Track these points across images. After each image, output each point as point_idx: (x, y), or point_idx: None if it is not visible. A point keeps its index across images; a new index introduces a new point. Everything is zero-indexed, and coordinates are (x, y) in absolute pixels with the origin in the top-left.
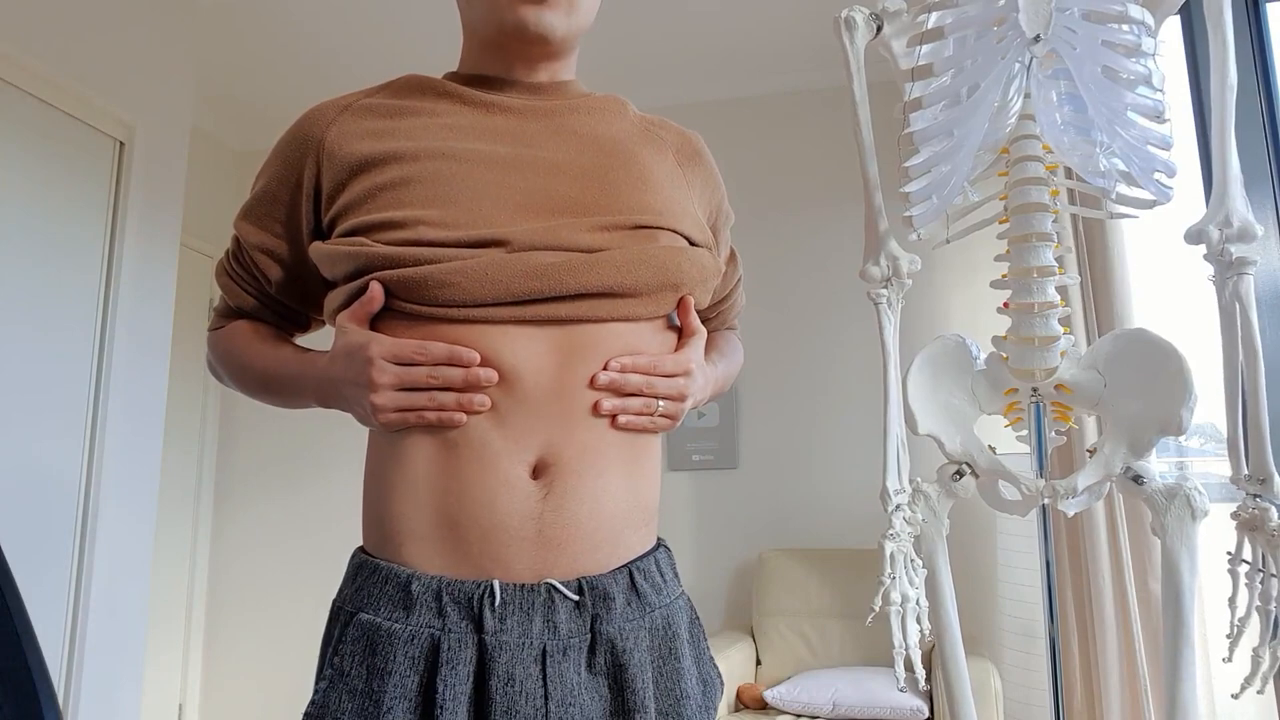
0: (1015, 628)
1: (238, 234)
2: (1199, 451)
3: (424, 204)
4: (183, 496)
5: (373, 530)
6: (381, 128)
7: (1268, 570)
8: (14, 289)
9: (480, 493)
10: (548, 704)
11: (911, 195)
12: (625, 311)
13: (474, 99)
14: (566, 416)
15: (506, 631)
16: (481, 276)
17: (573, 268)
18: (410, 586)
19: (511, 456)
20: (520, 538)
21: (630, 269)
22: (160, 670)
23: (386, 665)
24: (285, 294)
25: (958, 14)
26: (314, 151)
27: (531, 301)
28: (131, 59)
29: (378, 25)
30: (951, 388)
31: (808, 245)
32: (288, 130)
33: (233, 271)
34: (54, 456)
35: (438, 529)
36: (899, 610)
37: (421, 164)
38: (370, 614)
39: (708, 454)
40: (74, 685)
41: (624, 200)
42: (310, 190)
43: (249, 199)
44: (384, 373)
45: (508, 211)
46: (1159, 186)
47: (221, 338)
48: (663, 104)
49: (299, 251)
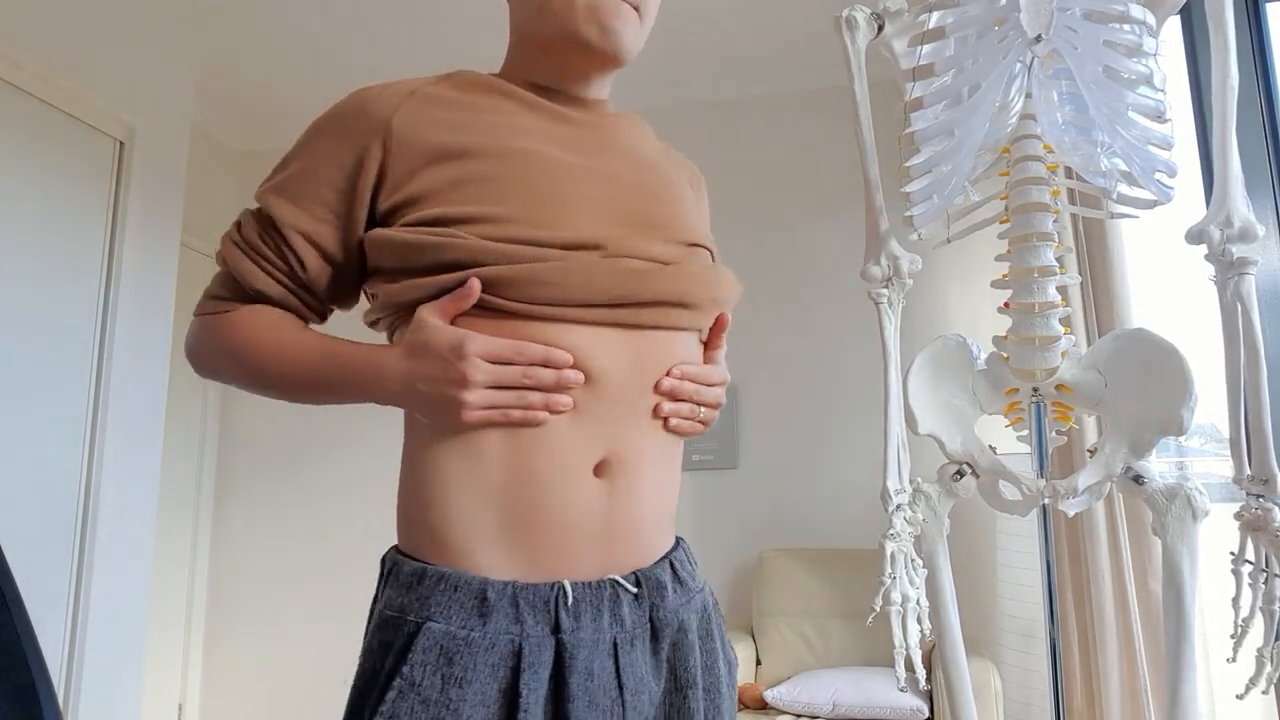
0: (1015, 628)
1: (273, 213)
2: (1199, 451)
3: (516, 202)
4: (183, 497)
5: (424, 535)
6: (454, 119)
7: (1271, 570)
8: (14, 289)
9: (557, 492)
10: (622, 693)
11: (912, 195)
12: (686, 322)
13: (537, 104)
14: (632, 417)
15: (582, 629)
16: (581, 277)
17: (656, 276)
18: (486, 595)
19: (583, 456)
20: (588, 536)
21: (695, 283)
22: (160, 670)
23: (465, 674)
24: (317, 281)
25: (959, 14)
26: (379, 134)
27: (619, 305)
28: (131, 59)
29: (378, 26)
30: (952, 387)
31: (808, 245)
32: (336, 111)
33: (256, 252)
34: (54, 456)
35: (508, 531)
36: (899, 610)
37: (506, 162)
38: (442, 623)
39: (708, 454)
40: (74, 685)
41: (676, 218)
42: (373, 174)
43: (283, 177)
44: (479, 370)
45: (594, 217)
46: (1160, 186)
47: (232, 323)
48: (663, 104)
49: (345, 238)
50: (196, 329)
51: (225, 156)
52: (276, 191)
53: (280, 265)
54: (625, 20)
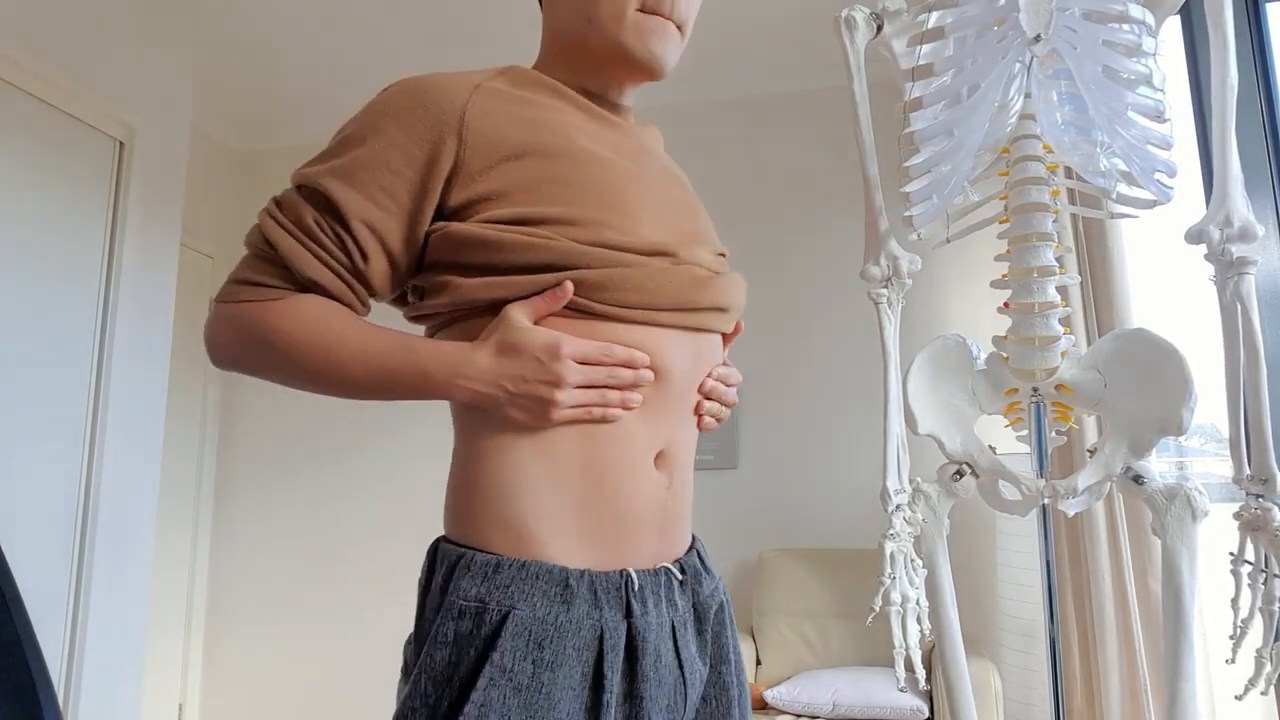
0: (1015, 628)
1: (336, 199)
2: (1199, 451)
3: (595, 206)
4: (183, 497)
5: (495, 527)
6: (521, 115)
7: (1270, 570)
8: (14, 289)
9: (626, 484)
10: (682, 671)
11: (912, 195)
12: (723, 325)
13: (587, 107)
14: (684, 414)
15: (649, 614)
16: (661, 283)
17: (713, 284)
18: (569, 582)
19: (647, 449)
20: (651, 526)
21: (735, 291)
22: (160, 670)
23: (555, 658)
24: (374, 274)
25: (958, 14)
26: (454, 127)
27: (687, 310)
28: (131, 59)
29: (377, 26)
30: (952, 387)
31: (808, 245)
32: (400, 99)
33: (310, 238)
34: (54, 457)
35: (581, 522)
36: (899, 610)
37: (579, 163)
38: (528, 609)
39: (708, 454)
40: (74, 685)
41: (710, 228)
42: (447, 168)
43: (343, 161)
44: (573, 371)
45: (659, 224)
46: (1159, 186)
47: (280, 313)
48: (663, 104)
49: (409, 232)
50: (229, 316)
51: (225, 156)
52: (338, 177)
53: (339, 255)
54: (669, 39)
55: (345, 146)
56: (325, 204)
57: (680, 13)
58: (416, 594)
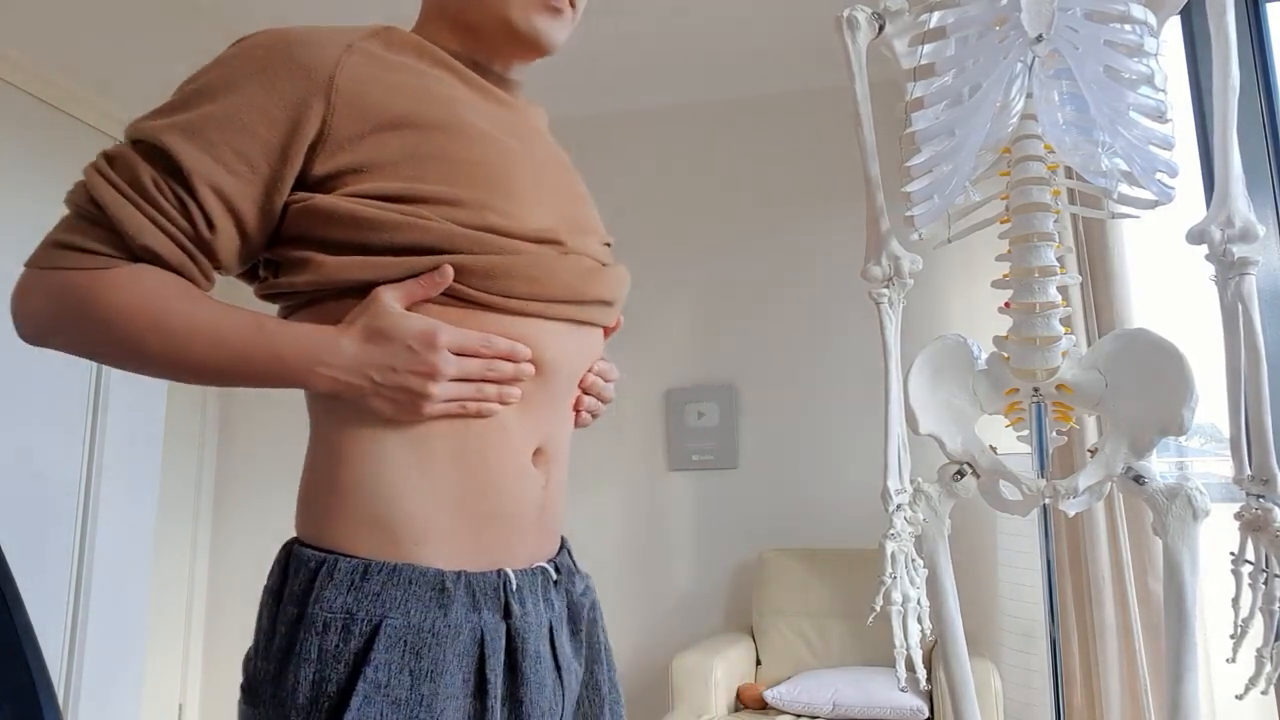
0: (1015, 628)
1: (180, 159)
2: (1199, 451)
3: (480, 186)
4: (183, 496)
5: (360, 528)
6: (399, 83)
7: (1271, 570)
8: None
9: (504, 481)
10: (560, 674)
11: (913, 195)
12: (607, 319)
13: (472, 80)
14: (563, 410)
15: (527, 614)
16: (549, 272)
17: (600, 276)
18: (444, 585)
19: (525, 446)
20: (529, 524)
21: (621, 284)
22: (160, 670)
23: (435, 667)
24: (221, 245)
25: (960, 13)
26: (321, 90)
27: (574, 302)
28: (131, 59)
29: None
30: (952, 387)
31: (809, 245)
32: (261, 53)
33: (147, 201)
34: (54, 456)
35: (455, 522)
36: (900, 610)
37: (463, 140)
38: (401, 618)
39: (708, 454)
40: (74, 685)
41: (595, 216)
42: (311, 134)
43: (190, 117)
44: (449, 363)
45: (545, 209)
46: (1161, 186)
47: (111, 284)
48: (663, 104)
49: (264, 200)
50: (44, 285)
51: None
52: (183, 133)
53: (180, 221)
54: (556, 16)
55: (195, 100)
56: (167, 163)
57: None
58: (260, 604)
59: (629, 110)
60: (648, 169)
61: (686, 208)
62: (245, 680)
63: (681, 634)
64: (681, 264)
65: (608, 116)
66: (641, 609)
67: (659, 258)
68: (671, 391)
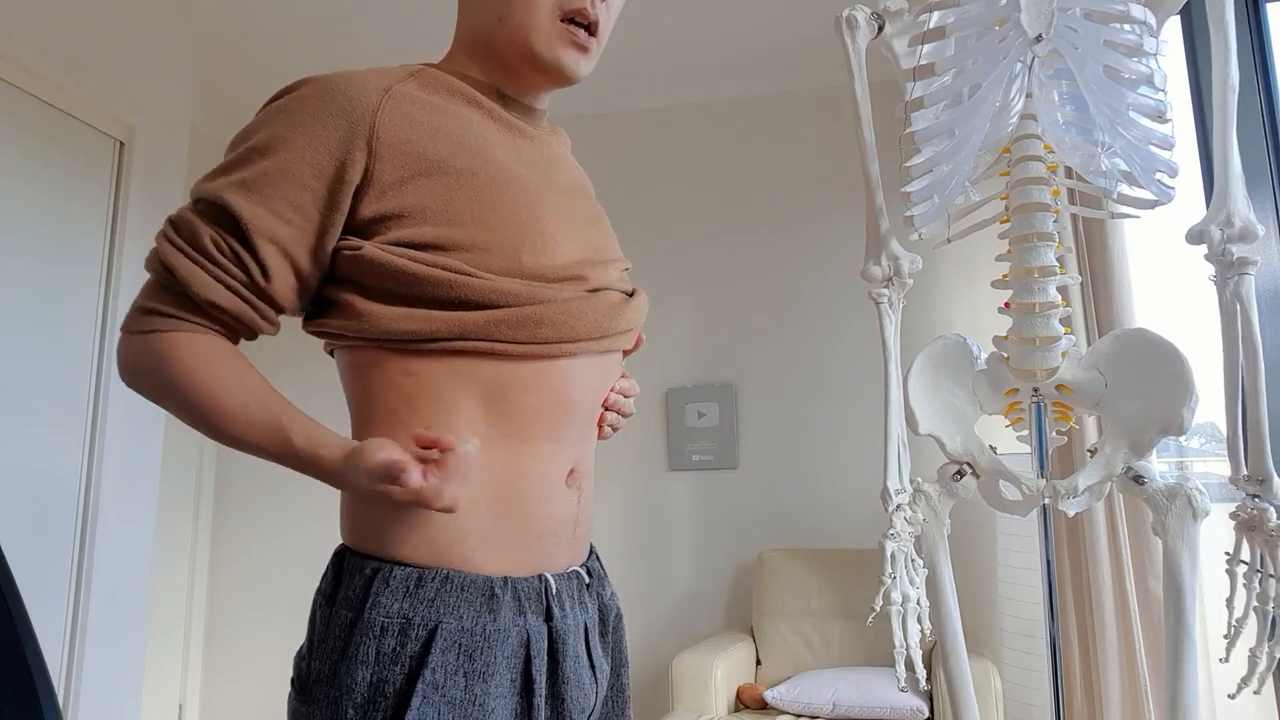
0: (1015, 628)
1: (240, 216)
2: (1199, 451)
3: (507, 228)
4: (183, 496)
5: (412, 540)
6: (434, 125)
7: (1266, 570)
8: (15, 289)
9: (541, 504)
10: (594, 672)
11: (913, 195)
12: (628, 343)
13: (498, 116)
14: (590, 431)
15: (567, 616)
16: (578, 315)
17: (625, 309)
18: (493, 590)
19: (561, 471)
20: (564, 536)
21: (641, 313)
22: (160, 670)
23: (487, 668)
24: (279, 292)
25: (959, 13)
26: (364, 135)
27: (600, 338)
28: (131, 59)
29: (379, 26)
30: (952, 387)
31: (808, 245)
32: (304, 103)
33: (207, 258)
34: (54, 456)
35: (498, 536)
36: (900, 610)
37: (492, 184)
38: (456, 621)
39: (708, 454)
40: (74, 685)
41: (613, 241)
42: (356, 179)
43: (247, 173)
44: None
45: (568, 243)
46: (1160, 186)
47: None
48: (663, 104)
49: (316, 247)
50: (133, 348)
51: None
52: (240, 190)
53: (238, 274)
54: (583, 49)
55: (247, 158)
56: (226, 220)
57: (599, 25)
58: (312, 605)
59: (629, 110)
60: (648, 168)
61: (687, 207)
62: (296, 677)
63: (681, 634)
64: (681, 264)
65: (608, 116)
66: (642, 609)
67: (659, 257)
68: (671, 391)
